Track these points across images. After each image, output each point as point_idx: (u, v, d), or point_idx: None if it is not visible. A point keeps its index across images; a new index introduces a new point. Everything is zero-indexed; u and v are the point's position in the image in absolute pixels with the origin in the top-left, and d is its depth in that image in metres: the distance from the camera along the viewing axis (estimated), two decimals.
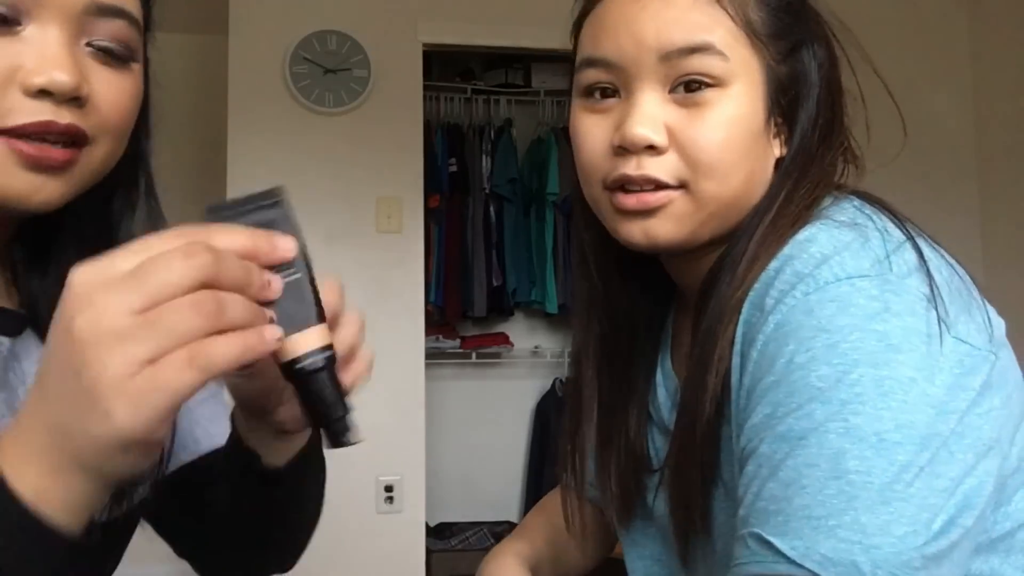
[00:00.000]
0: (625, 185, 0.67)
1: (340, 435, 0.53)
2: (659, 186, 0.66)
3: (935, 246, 0.64)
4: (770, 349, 0.59)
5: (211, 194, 3.49)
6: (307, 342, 0.50)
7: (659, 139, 0.65)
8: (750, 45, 0.67)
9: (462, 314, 3.75)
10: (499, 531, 3.56)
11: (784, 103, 0.69)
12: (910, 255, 0.60)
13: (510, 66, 3.85)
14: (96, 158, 0.62)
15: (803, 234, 0.62)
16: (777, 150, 0.70)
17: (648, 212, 0.67)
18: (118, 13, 0.61)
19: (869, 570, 0.51)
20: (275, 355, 0.49)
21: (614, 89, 0.69)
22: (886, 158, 0.78)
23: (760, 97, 0.67)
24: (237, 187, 2.98)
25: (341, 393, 0.53)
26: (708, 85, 0.65)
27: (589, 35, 0.70)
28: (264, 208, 0.50)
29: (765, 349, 0.59)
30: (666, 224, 0.67)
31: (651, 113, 0.66)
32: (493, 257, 3.74)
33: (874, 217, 0.64)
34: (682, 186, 0.66)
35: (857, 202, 0.66)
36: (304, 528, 0.82)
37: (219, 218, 0.49)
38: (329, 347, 0.51)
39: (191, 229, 0.45)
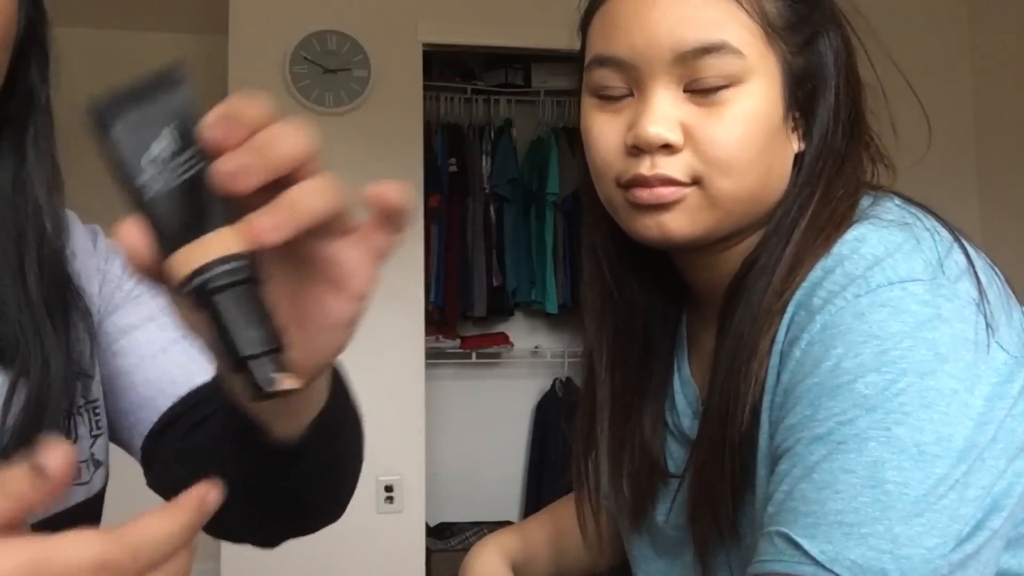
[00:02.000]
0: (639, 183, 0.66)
1: (261, 380, 0.37)
2: (674, 183, 0.65)
3: (975, 248, 0.63)
4: (815, 350, 0.58)
5: None
6: (204, 252, 0.37)
7: (674, 138, 0.64)
8: (766, 39, 0.64)
9: (462, 314, 3.75)
10: None
11: (801, 96, 0.67)
12: (960, 257, 0.60)
13: (510, 66, 3.84)
14: None
15: (852, 234, 0.61)
16: (796, 145, 0.68)
17: (662, 207, 0.65)
18: None
19: None
20: (167, 278, 0.39)
21: (627, 87, 0.67)
22: (902, 156, 0.76)
23: (778, 92, 0.65)
24: None
25: (262, 320, 0.38)
26: (725, 84, 0.63)
27: (599, 32, 0.68)
28: (165, 93, 0.39)
29: (810, 349, 0.59)
30: (680, 219, 0.65)
31: (665, 112, 0.64)
32: (493, 257, 3.74)
33: (921, 217, 0.62)
34: (696, 182, 0.65)
35: (899, 201, 0.65)
36: (341, 491, 0.68)
37: (109, 118, 0.38)
38: (242, 257, 0.37)
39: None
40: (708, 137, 0.64)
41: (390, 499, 2.98)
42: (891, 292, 0.57)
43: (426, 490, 3.05)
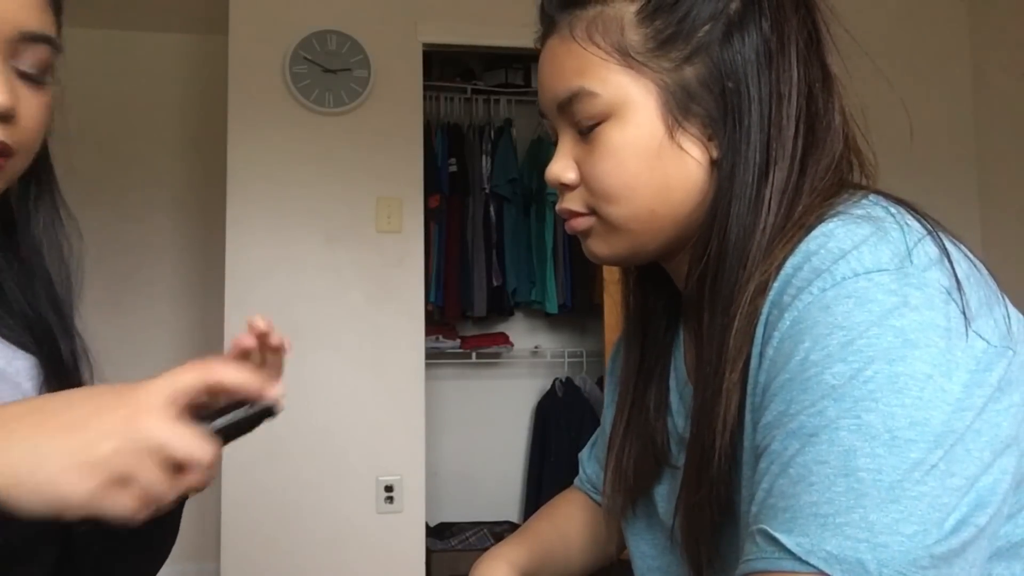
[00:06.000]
0: None
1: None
2: (576, 214, 0.73)
3: (955, 241, 0.62)
4: (786, 346, 0.59)
5: (211, 194, 3.49)
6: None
7: (567, 178, 0.73)
8: (629, 69, 0.68)
9: (462, 314, 3.75)
10: (499, 531, 3.56)
11: (703, 105, 0.68)
12: (931, 248, 0.59)
13: (510, 66, 3.85)
14: (16, 168, 0.71)
15: (820, 230, 0.61)
16: (703, 152, 0.68)
17: (583, 234, 0.74)
18: (44, 39, 0.69)
19: (875, 568, 0.50)
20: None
21: (555, 133, 0.75)
22: (903, 157, 0.76)
23: (653, 113, 0.68)
24: (237, 187, 2.98)
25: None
26: (597, 122, 0.69)
27: None
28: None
29: (781, 346, 0.59)
30: (597, 243, 0.73)
31: (564, 153, 0.73)
32: (493, 257, 3.74)
33: (892, 210, 0.62)
34: (593, 212, 0.72)
35: (873, 197, 0.65)
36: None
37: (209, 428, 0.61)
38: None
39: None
40: (589, 173, 0.71)
41: (390, 499, 2.98)
42: (856, 283, 0.57)
43: (426, 490, 3.05)
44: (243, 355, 0.68)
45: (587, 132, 0.70)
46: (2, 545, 0.58)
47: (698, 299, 0.69)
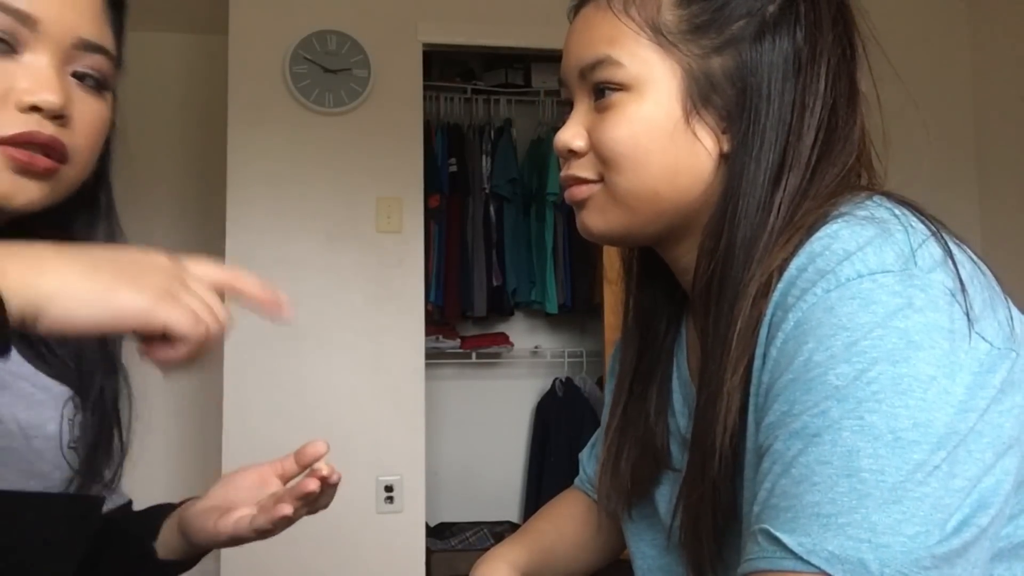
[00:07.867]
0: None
1: None
2: (582, 181, 0.73)
3: (958, 242, 0.62)
4: (789, 347, 0.59)
5: (212, 194, 3.49)
6: None
7: (576, 144, 0.73)
8: (659, 47, 0.69)
9: (462, 314, 3.75)
10: (499, 531, 3.56)
11: (722, 98, 0.68)
12: (935, 249, 0.59)
13: (510, 66, 3.85)
14: (71, 174, 0.71)
15: (825, 231, 0.61)
16: (715, 144, 0.69)
17: (580, 204, 0.74)
18: (99, 49, 0.71)
19: (877, 568, 0.51)
20: None
21: (570, 100, 0.76)
22: (902, 158, 0.76)
23: (674, 95, 0.69)
24: (237, 187, 2.98)
25: None
26: (614, 90, 0.70)
27: None
28: None
29: (784, 347, 0.59)
30: (592, 215, 0.73)
31: (576, 121, 0.74)
32: (493, 257, 3.74)
33: (896, 212, 0.62)
34: (601, 180, 0.72)
35: (878, 198, 0.65)
36: None
37: None
38: None
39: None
40: (599, 138, 0.71)
41: (390, 499, 2.98)
42: (861, 284, 0.57)
43: (426, 490, 3.05)
44: (304, 496, 0.80)
45: (602, 100, 0.71)
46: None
47: (705, 298, 0.69)
